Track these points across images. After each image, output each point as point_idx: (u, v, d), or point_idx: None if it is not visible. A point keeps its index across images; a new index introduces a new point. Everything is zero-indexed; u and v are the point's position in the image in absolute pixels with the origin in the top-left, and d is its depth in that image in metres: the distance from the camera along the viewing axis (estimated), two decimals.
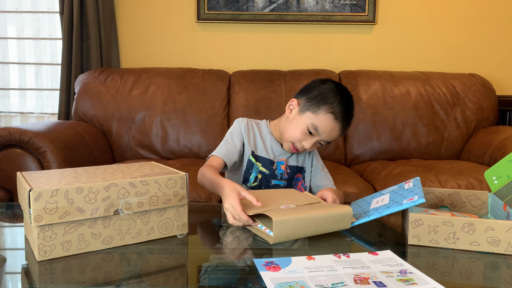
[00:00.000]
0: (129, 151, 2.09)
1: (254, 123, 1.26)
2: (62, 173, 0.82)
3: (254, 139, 1.22)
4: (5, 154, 1.57)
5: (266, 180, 1.20)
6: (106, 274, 0.66)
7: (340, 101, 1.12)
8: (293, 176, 1.23)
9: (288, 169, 1.22)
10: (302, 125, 1.13)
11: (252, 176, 1.20)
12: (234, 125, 1.24)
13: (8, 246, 0.82)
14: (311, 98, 1.14)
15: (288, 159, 1.23)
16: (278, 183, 1.21)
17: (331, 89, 1.14)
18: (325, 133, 1.12)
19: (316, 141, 1.14)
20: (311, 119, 1.12)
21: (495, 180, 0.89)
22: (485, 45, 2.38)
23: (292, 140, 1.15)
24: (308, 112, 1.13)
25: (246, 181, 1.21)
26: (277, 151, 1.22)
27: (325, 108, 1.11)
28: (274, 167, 1.21)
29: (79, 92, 2.12)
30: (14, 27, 2.43)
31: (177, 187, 0.81)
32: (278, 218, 0.77)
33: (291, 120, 1.17)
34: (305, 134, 1.13)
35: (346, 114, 1.13)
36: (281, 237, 0.79)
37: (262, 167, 1.20)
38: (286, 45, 2.38)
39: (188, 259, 0.75)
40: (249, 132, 1.22)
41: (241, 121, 1.24)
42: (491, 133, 1.98)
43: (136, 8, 2.38)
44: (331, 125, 1.11)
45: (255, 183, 1.20)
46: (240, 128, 1.22)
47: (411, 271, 0.66)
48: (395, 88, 2.14)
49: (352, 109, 1.16)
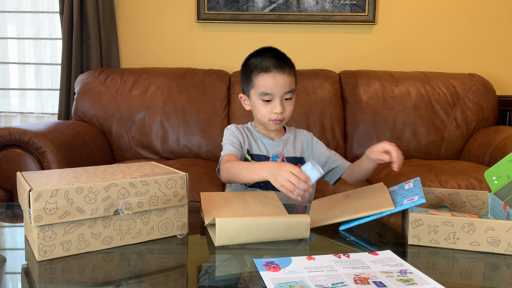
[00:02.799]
0: (129, 151, 2.09)
1: (243, 127, 1.29)
2: (62, 173, 0.82)
3: (247, 139, 1.24)
4: (5, 154, 1.57)
5: None
6: (106, 274, 0.66)
7: (261, 58, 1.15)
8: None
9: (285, 161, 1.22)
10: (257, 102, 1.17)
11: None
12: (227, 132, 1.25)
13: (8, 246, 0.82)
14: (244, 80, 1.20)
15: (282, 150, 1.23)
16: None
17: (250, 59, 1.19)
18: (274, 88, 1.13)
19: (279, 101, 1.14)
20: (255, 93, 1.16)
21: (495, 180, 0.89)
22: (485, 45, 2.38)
23: (266, 119, 1.17)
24: (251, 91, 1.18)
25: None
26: (269, 146, 1.23)
27: (254, 74, 1.15)
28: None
29: (79, 92, 2.12)
30: (14, 27, 2.43)
31: (177, 187, 0.81)
32: (222, 218, 0.76)
33: (252, 109, 1.22)
34: (265, 105, 1.15)
35: (274, 60, 1.13)
36: (225, 238, 0.76)
37: None
38: (286, 45, 2.37)
39: (188, 259, 0.75)
40: (241, 133, 1.25)
41: (231, 127, 1.27)
42: (491, 133, 1.98)
43: (136, 8, 2.38)
44: (270, 79, 1.12)
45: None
46: (233, 131, 1.25)
47: (411, 271, 0.66)
48: (395, 88, 2.14)
49: (278, 53, 1.17)
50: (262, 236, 0.79)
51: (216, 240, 0.76)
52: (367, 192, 0.97)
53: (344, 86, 2.17)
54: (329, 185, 1.31)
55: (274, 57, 1.15)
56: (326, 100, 2.11)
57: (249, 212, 0.91)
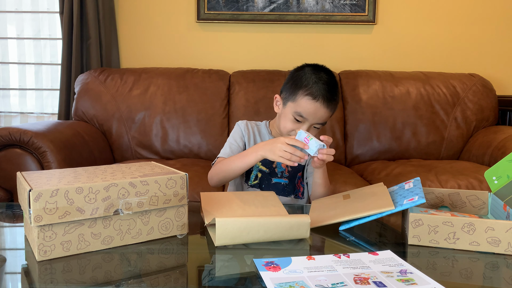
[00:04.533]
0: (129, 151, 2.09)
1: (254, 124, 1.28)
2: (62, 173, 0.82)
3: (254, 139, 1.24)
4: (5, 154, 1.57)
5: (267, 178, 1.21)
6: (106, 274, 0.66)
7: (316, 81, 1.12)
8: (295, 174, 1.24)
9: (289, 167, 1.22)
10: (288, 115, 1.15)
11: (253, 174, 1.21)
12: (235, 128, 1.27)
13: (8, 246, 0.82)
14: (288, 87, 1.17)
15: None
16: (279, 181, 1.21)
17: (305, 72, 1.15)
18: (311, 116, 1.12)
19: (307, 126, 1.13)
20: (293, 108, 1.14)
21: (495, 180, 0.89)
22: (485, 45, 2.38)
23: (286, 132, 1.16)
24: (289, 102, 1.16)
25: (247, 179, 1.22)
26: None
27: (301, 92, 1.12)
28: (274, 165, 1.22)
29: (79, 92, 2.12)
30: (14, 27, 2.43)
31: (177, 187, 0.81)
32: (222, 218, 0.76)
33: (280, 115, 1.20)
34: (294, 123, 1.14)
35: (326, 91, 1.11)
36: (225, 238, 0.77)
37: (262, 166, 1.21)
38: (286, 45, 2.38)
39: (188, 259, 0.75)
40: (249, 132, 1.25)
41: (241, 123, 1.27)
42: (491, 133, 1.98)
43: (136, 8, 2.38)
44: (312, 106, 1.11)
45: (256, 181, 1.21)
46: (240, 129, 1.25)
47: (411, 271, 0.66)
48: (395, 88, 2.14)
49: (333, 84, 1.14)
50: (262, 236, 0.79)
51: (216, 240, 0.76)
52: (367, 192, 0.97)
53: (344, 86, 2.17)
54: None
55: (327, 86, 1.12)
56: None
57: (249, 212, 0.91)
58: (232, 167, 1.10)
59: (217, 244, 0.77)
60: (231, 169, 1.10)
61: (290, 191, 1.23)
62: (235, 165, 1.09)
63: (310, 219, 0.81)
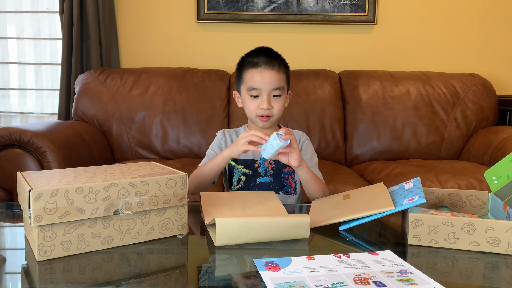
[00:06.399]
0: (129, 151, 2.09)
1: (232, 131, 1.30)
2: (62, 173, 0.82)
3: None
4: (5, 154, 1.57)
5: (251, 180, 1.20)
6: (106, 274, 0.66)
7: (252, 54, 1.17)
8: (280, 170, 1.21)
9: (273, 164, 1.21)
10: (245, 97, 1.18)
11: (235, 179, 1.21)
12: (214, 140, 1.29)
13: (8, 246, 0.82)
14: (236, 77, 1.22)
15: None
16: (263, 180, 1.20)
17: (243, 57, 1.21)
18: (261, 84, 1.13)
19: (266, 97, 1.14)
20: (245, 87, 1.17)
21: (495, 180, 0.89)
22: (485, 45, 2.38)
23: (253, 115, 1.17)
24: (241, 86, 1.19)
25: (231, 185, 1.22)
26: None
27: (244, 69, 1.16)
28: (257, 165, 1.21)
29: (79, 92, 2.12)
30: (14, 27, 2.43)
31: (177, 187, 0.81)
32: (221, 218, 0.76)
33: (243, 106, 1.22)
34: (252, 100, 1.16)
35: (264, 56, 1.14)
36: (225, 238, 0.76)
37: (245, 169, 1.21)
38: (286, 45, 2.38)
39: (188, 259, 0.75)
40: (225, 140, 1.26)
41: (219, 133, 1.29)
42: (491, 133, 1.98)
43: (136, 8, 2.38)
44: (257, 74, 1.13)
45: (238, 185, 1.21)
46: (218, 138, 1.27)
47: (411, 271, 0.66)
48: (395, 88, 2.14)
49: (270, 50, 1.18)
50: (262, 236, 0.79)
51: (216, 240, 0.76)
52: (367, 192, 0.97)
53: (344, 86, 2.17)
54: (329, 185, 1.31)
55: (265, 54, 1.16)
56: (326, 100, 2.11)
57: (249, 212, 0.91)
58: (204, 171, 1.13)
59: (217, 244, 0.77)
60: (203, 173, 1.13)
61: (277, 188, 1.20)
62: (206, 169, 1.13)
63: (310, 219, 0.81)
